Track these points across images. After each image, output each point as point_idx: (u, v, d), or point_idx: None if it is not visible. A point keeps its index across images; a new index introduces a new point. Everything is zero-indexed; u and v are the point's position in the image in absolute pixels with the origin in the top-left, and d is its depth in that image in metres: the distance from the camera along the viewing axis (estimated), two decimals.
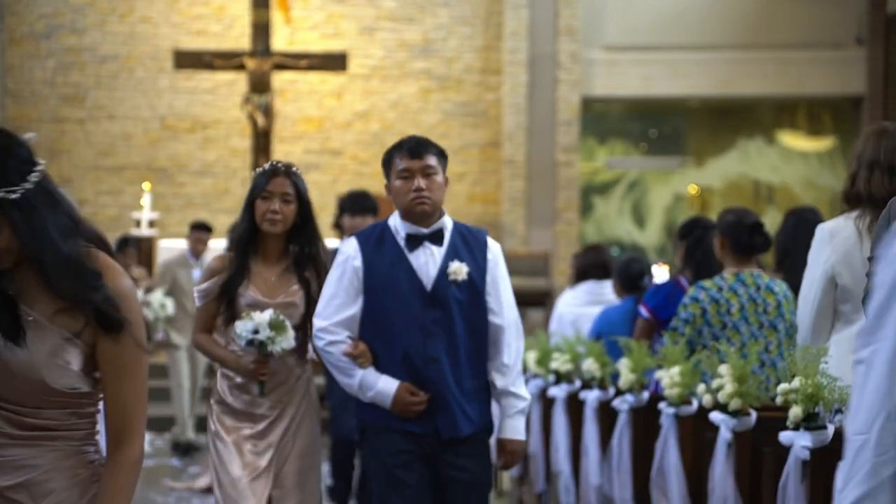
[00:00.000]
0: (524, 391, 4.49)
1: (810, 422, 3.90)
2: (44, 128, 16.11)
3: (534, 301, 13.77)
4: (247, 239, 4.69)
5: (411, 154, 4.37)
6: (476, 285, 4.40)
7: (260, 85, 14.90)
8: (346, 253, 4.44)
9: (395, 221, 4.43)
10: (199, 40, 16.07)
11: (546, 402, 7.02)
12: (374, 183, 15.69)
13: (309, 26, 16.31)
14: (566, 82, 15.95)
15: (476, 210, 16.05)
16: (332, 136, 16.32)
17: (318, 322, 4.40)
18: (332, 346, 4.37)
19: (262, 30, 14.90)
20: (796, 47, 16.22)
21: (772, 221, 15.85)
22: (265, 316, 4.51)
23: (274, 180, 4.67)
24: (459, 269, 4.36)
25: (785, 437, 3.95)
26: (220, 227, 15.75)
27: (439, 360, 4.33)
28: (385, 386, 4.32)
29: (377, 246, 4.40)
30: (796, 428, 3.93)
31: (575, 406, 6.41)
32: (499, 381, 4.44)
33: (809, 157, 17.23)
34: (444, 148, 4.58)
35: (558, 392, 6.59)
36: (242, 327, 4.51)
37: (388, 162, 4.43)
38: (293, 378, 4.72)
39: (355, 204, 7.23)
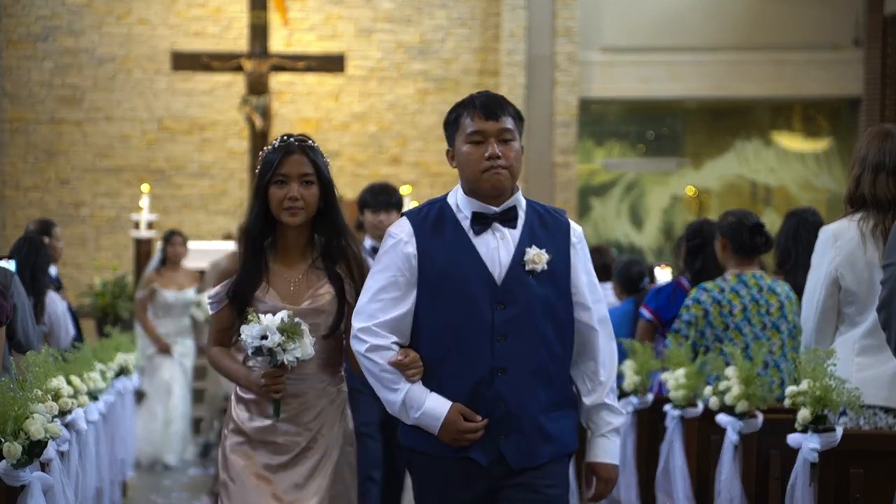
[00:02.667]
0: (619, 405, 3.68)
1: (818, 424, 3.91)
2: (41, 129, 16.10)
3: None
4: (260, 233, 3.87)
5: (486, 113, 3.53)
6: (559, 276, 3.55)
7: (257, 86, 14.88)
8: (397, 236, 3.58)
9: (457, 197, 3.61)
10: (196, 42, 16.06)
11: None
12: None
13: (306, 28, 16.30)
14: (564, 84, 15.96)
15: None
16: (330, 138, 16.30)
17: (358, 322, 3.57)
18: (375, 353, 3.53)
19: (259, 31, 14.90)
20: (793, 49, 16.24)
21: (769, 223, 15.80)
22: (275, 318, 3.69)
23: (289, 159, 3.83)
24: (538, 257, 3.52)
25: (793, 439, 3.97)
26: (218, 229, 15.79)
27: (511, 370, 3.48)
28: (434, 406, 3.48)
29: (435, 228, 3.56)
30: (804, 430, 3.94)
31: None
32: (588, 392, 3.61)
33: (806, 158, 17.25)
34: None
35: None
36: (248, 332, 3.72)
37: (453, 122, 3.60)
38: (325, 399, 3.88)
39: (377, 198, 6.44)
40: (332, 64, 15.29)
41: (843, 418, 4.16)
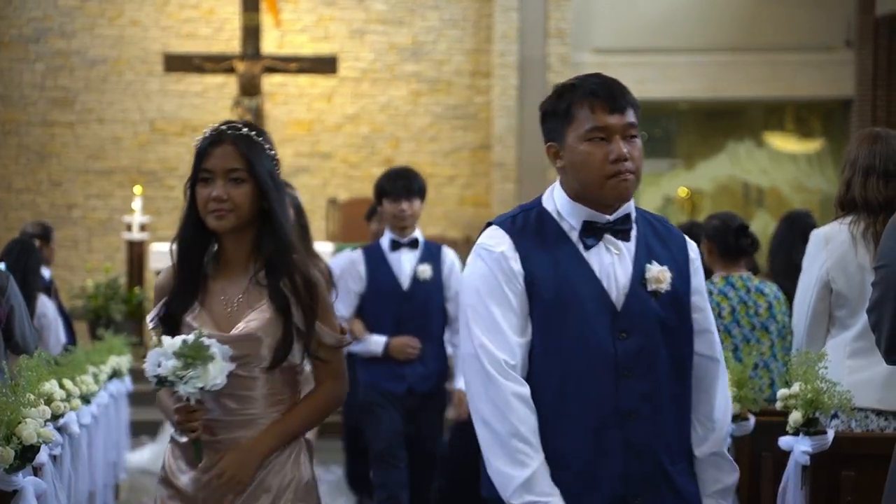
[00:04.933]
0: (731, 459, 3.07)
1: (810, 427, 3.92)
2: (33, 131, 16.08)
3: None
4: (194, 242, 3.19)
5: (611, 105, 2.86)
6: (680, 298, 2.93)
7: (250, 88, 14.89)
8: (494, 249, 2.87)
9: (557, 203, 2.93)
10: (188, 43, 16.05)
11: None
12: (365, 187, 15.67)
13: (298, 29, 16.30)
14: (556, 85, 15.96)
15: (467, 213, 16.06)
16: (322, 140, 16.31)
17: (497, 353, 2.81)
18: (514, 403, 2.78)
19: (251, 33, 14.90)
20: (785, 50, 16.27)
21: (762, 224, 15.92)
22: (175, 341, 2.98)
23: (214, 151, 3.16)
24: (662, 275, 2.89)
25: (784, 442, 3.98)
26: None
27: (640, 413, 2.83)
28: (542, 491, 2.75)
29: (537, 240, 2.88)
30: (796, 433, 3.95)
31: None
32: (700, 440, 2.96)
33: (799, 159, 17.28)
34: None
35: None
36: (149, 358, 3.03)
37: (563, 112, 2.90)
38: None
39: (396, 184, 5.76)
40: (324, 65, 15.29)
41: (835, 421, 4.18)
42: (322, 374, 3.21)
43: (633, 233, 2.91)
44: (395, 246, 5.96)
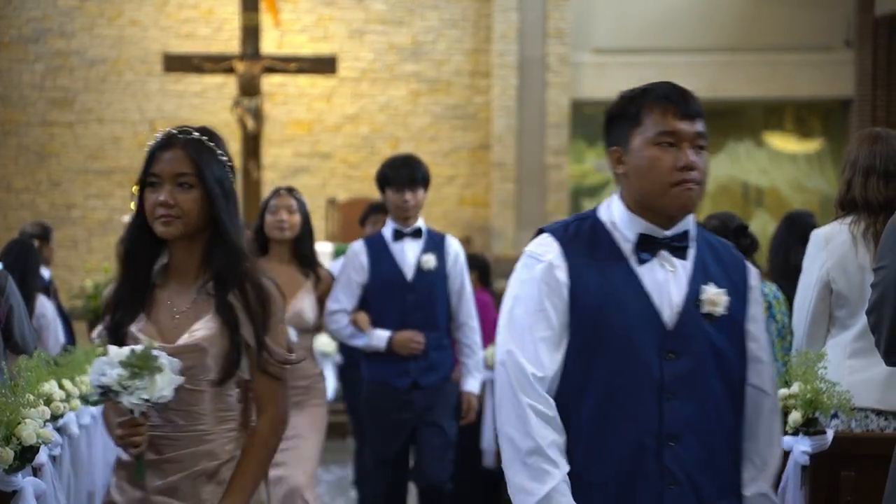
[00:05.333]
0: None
1: (809, 427, 3.92)
2: (32, 132, 16.08)
3: None
4: (141, 248, 3.06)
5: (683, 111, 2.76)
6: (735, 324, 2.79)
7: (249, 88, 14.87)
8: (541, 257, 2.75)
9: (613, 213, 2.79)
10: (188, 43, 16.05)
11: None
12: (364, 187, 15.69)
13: (298, 29, 16.30)
14: (555, 85, 15.98)
15: (466, 213, 16.06)
16: (322, 140, 16.31)
17: (526, 365, 2.67)
18: (538, 423, 2.65)
19: (251, 33, 14.88)
20: (785, 50, 16.27)
21: (761, 224, 15.92)
22: (122, 350, 2.87)
23: (163, 155, 3.03)
24: (718, 298, 2.75)
25: (784, 442, 3.97)
26: None
27: (683, 439, 2.69)
28: None
29: (589, 251, 2.75)
30: (795, 433, 3.95)
31: None
32: (750, 479, 2.81)
33: (798, 159, 17.28)
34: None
35: None
36: (93, 367, 2.91)
37: (632, 115, 2.76)
38: (212, 463, 2.97)
39: (399, 173, 5.61)
40: (323, 65, 15.28)
41: (835, 421, 4.18)
42: (263, 398, 3.03)
43: (692, 251, 2.78)
44: (398, 236, 5.81)
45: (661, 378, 2.66)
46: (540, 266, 2.72)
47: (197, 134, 3.09)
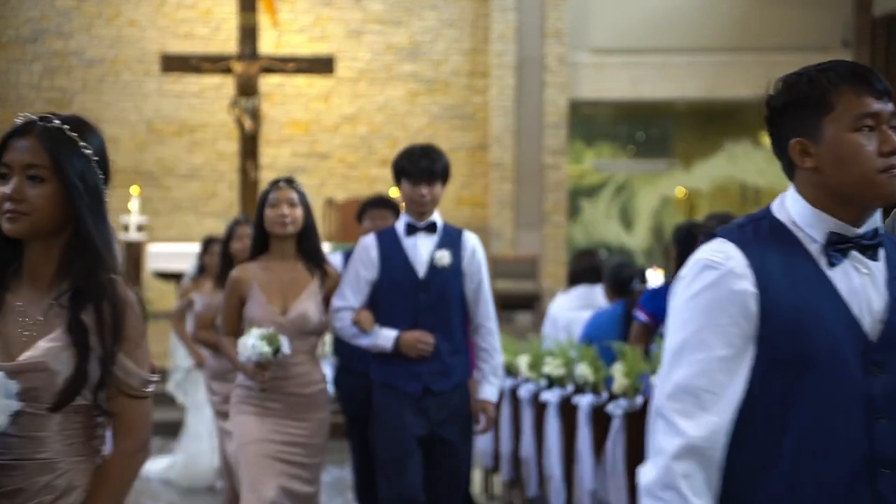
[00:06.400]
0: None
1: None
2: None
3: (522, 304, 13.80)
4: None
5: (877, 89, 2.39)
6: None
7: (247, 88, 14.87)
8: (721, 265, 2.35)
9: (794, 212, 2.42)
10: (186, 44, 16.05)
11: (538, 407, 7.03)
12: (363, 187, 15.69)
13: (296, 29, 16.30)
14: (553, 85, 15.98)
15: (464, 213, 16.06)
16: (320, 140, 16.31)
17: (701, 394, 2.30)
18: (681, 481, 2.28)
19: (249, 33, 14.88)
20: (783, 50, 16.27)
21: None
22: None
23: (15, 144, 2.65)
24: None
25: None
26: (208, 232, 15.75)
27: None
28: None
29: (771, 254, 2.37)
30: None
31: (567, 410, 6.41)
32: None
33: None
34: None
35: (550, 396, 6.59)
36: None
37: (818, 99, 2.39)
38: (53, 495, 2.63)
39: (418, 165, 5.20)
40: (321, 66, 15.28)
41: None
42: (120, 424, 2.69)
43: (881, 251, 2.41)
44: (411, 230, 5.34)
45: (868, 395, 2.31)
46: (719, 274, 2.33)
47: (58, 122, 2.66)
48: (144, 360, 2.68)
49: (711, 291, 2.32)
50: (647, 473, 2.29)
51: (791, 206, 2.41)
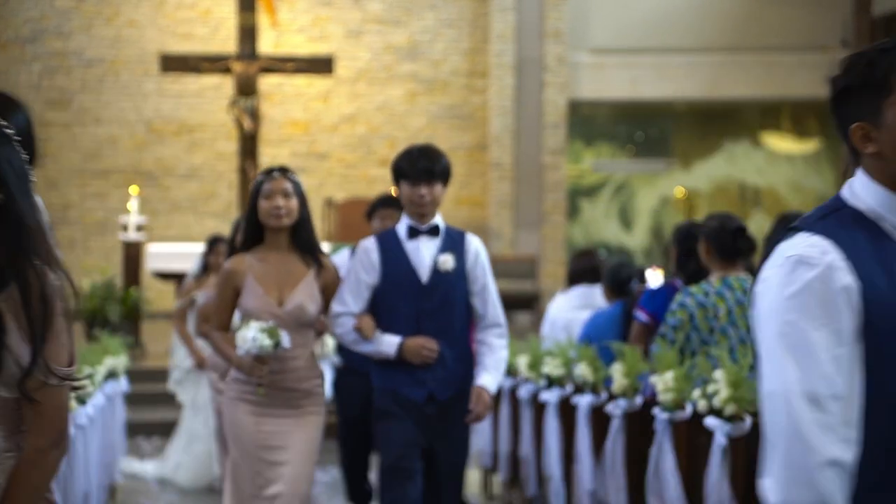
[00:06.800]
0: None
1: None
2: None
3: (521, 304, 13.80)
4: None
5: None
6: None
7: (246, 88, 14.88)
8: (817, 262, 2.19)
9: (870, 199, 2.28)
10: (185, 44, 16.05)
11: (537, 407, 7.03)
12: (361, 187, 15.71)
13: (295, 29, 16.30)
14: (553, 85, 15.98)
15: (463, 213, 16.06)
16: (319, 140, 16.31)
17: (822, 398, 2.12)
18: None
19: (248, 33, 14.89)
20: (782, 50, 16.28)
21: (758, 224, 15.93)
22: None
23: None
24: None
25: None
26: (207, 231, 15.77)
27: None
28: None
29: (862, 245, 2.23)
30: None
31: (566, 410, 6.42)
32: None
33: (795, 159, 17.29)
34: None
35: (550, 396, 6.60)
36: None
37: (880, 84, 2.26)
38: None
39: (417, 165, 5.11)
40: (320, 66, 15.29)
41: None
42: (36, 419, 2.53)
43: None
44: (413, 233, 5.23)
45: None
46: (819, 270, 2.16)
47: None
48: (62, 354, 2.54)
49: (814, 288, 2.15)
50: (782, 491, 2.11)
51: (865, 194, 2.27)
